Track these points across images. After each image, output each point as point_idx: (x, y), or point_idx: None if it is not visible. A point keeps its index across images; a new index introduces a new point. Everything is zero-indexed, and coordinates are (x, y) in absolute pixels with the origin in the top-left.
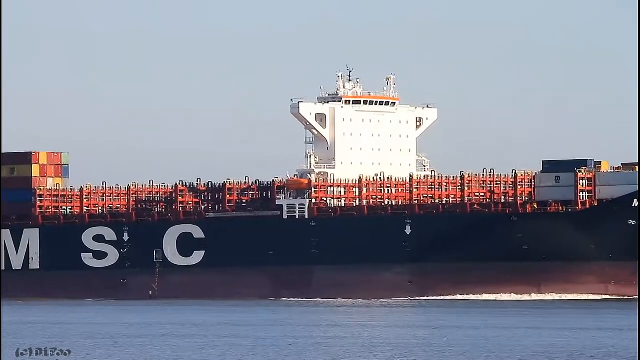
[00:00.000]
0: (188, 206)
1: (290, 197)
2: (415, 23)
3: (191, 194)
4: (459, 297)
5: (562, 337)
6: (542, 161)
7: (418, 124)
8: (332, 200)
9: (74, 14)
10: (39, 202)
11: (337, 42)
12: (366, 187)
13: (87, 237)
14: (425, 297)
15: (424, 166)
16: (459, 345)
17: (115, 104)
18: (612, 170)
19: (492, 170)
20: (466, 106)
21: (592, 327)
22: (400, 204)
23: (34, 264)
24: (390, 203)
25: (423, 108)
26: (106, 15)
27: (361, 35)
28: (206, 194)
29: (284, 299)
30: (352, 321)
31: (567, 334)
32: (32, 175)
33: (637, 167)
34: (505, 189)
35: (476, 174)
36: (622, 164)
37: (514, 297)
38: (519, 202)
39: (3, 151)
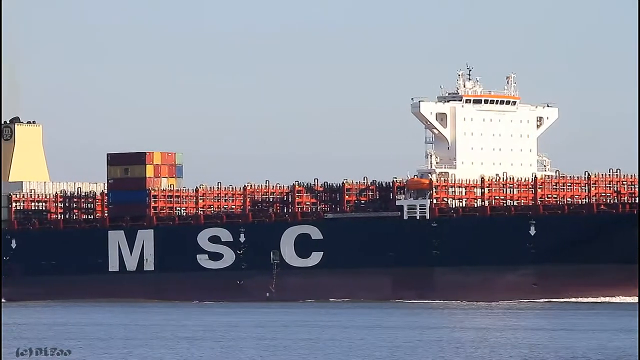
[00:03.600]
0: (305, 207)
1: (410, 197)
2: (534, 21)
3: (308, 194)
4: (584, 299)
5: None
6: None
7: (538, 123)
8: (453, 200)
9: (202, 16)
10: (153, 203)
11: (457, 40)
12: (488, 187)
13: (202, 238)
14: (550, 299)
15: (545, 166)
16: None
17: (229, 105)
18: None
19: (618, 170)
20: (588, 105)
21: None
22: (523, 204)
23: (149, 266)
24: (513, 203)
25: (543, 107)
26: (228, 18)
27: (481, 33)
28: (323, 194)
29: (405, 300)
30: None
31: None
32: (147, 176)
33: None
34: (632, 189)
35: (602, 174)
36: None
37: None
38: None
39: (117, 151)
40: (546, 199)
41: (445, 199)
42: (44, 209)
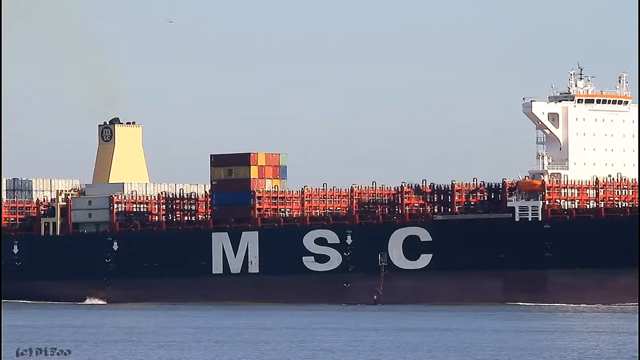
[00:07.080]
0: (413, 208)
1: (522, 198)
2: None
3: (416, 195)
4: None
5: None
6: None
7: None
8: (566, 202)
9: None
10: (257, 205)
11: (568, 39)
12: (602, 188)
13: (308, 240)
14: None
15: None
16: None
17: (329, 106)
18: None
19: None
20: None
21: None
22: (638, 205)
23: (253, 268)
24: (627, 205)
25: None
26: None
27: (592, 32)
28: (432, 195)
29: (518, 303)
30: None
31: None
32: (251, 177)
33: None
34: None
35: None
36: None
37: None
38: None
39: (221, 152)
40: None
41: (558, 201)
42: (145, 210)
